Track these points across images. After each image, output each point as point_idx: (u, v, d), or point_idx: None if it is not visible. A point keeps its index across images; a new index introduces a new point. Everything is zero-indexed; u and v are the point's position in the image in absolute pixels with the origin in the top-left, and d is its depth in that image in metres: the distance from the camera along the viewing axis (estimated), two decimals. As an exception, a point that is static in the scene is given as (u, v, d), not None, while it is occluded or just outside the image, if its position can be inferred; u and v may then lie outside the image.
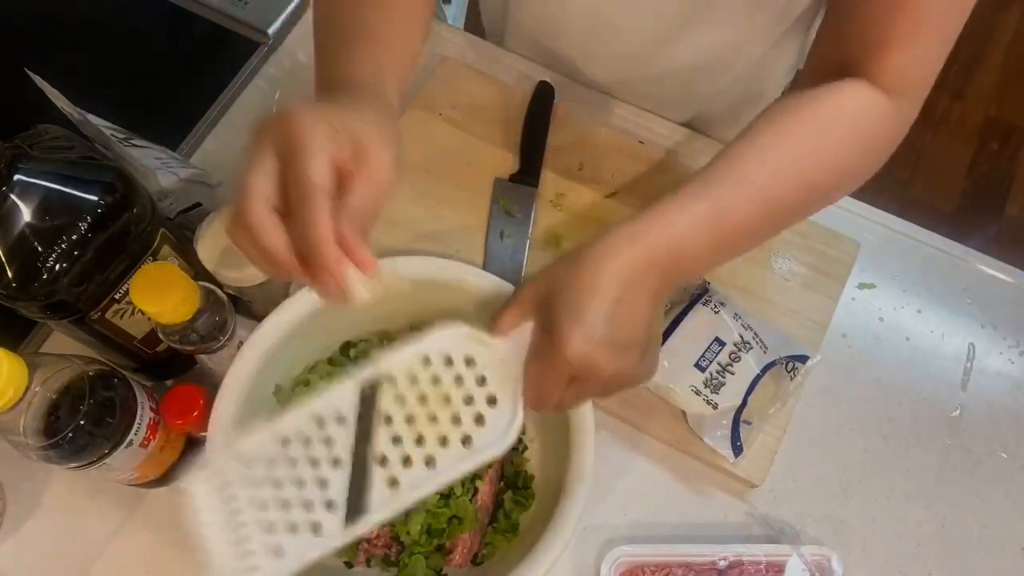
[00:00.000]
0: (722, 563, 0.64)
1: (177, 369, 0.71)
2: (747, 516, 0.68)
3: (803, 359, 0.68)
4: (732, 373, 0.67)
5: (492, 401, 0.52)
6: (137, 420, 0.59)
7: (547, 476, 0.66)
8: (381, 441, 0.51)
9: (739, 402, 0.67)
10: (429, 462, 0.50)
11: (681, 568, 0.64)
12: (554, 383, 0.49)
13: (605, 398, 0.52)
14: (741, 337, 0.68)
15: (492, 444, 0.50)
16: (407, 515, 0.61)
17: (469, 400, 0.52)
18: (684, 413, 0.69)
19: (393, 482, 0.50)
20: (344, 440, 0.51)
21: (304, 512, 0.50)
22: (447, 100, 0.82)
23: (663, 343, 0.68)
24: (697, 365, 0.68)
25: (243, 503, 0.50)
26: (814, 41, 0.63)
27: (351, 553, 0.64)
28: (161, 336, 0.60)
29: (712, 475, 0.68)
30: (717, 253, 0.53)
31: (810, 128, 0.54)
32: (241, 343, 0.63)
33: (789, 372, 0.69)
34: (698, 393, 0.67)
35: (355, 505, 0.50)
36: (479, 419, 0.51)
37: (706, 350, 0.68)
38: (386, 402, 0.51)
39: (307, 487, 0.51)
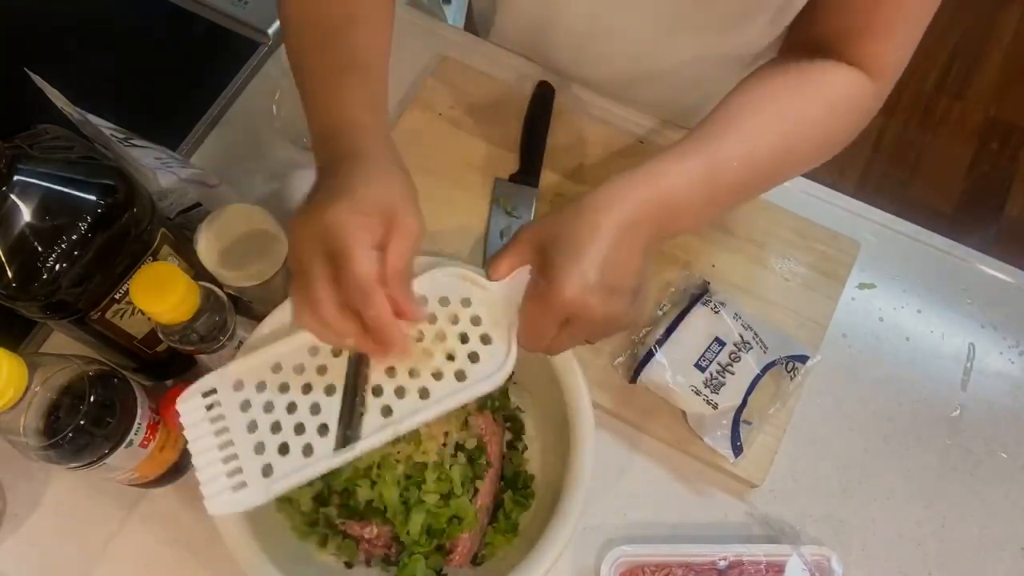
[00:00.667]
0: (722, 563, 0.64)
1: (177, 369, 0.71)
2: (747, 516, 0.68)
3: (803, 359, 0.68)
4: (732, 373, 0.67)
5: (486, 340, 0.52)
6: (137, 420, 0.59)
7: (547, 476, 0.66)
8: (376, 372, 0.52)
9: (739, 402, 0.67)
10: (423, 394, 0.51)
11: (681, 568, 0.64)
12: (549, 323, 0.50)
13: (594, 342, 0.55)
14: (741, 337, 0.68)
15: (485, 379, 0.51)
16: (407, 515, 0.61)
17: (464, 338, 0.52)
18: (684, 413, 0.69)
19: (387, 411, 0.51)
20: (339, 369, 0.52)
21: (295, 435, 0.51)
22: (447, 100, 0.82)
23: (663, 342, 0.68)
24: (697, 365, 0.68)
25: (233, 423, 0.51)
26: (794, 20, 0.66)
27: (351, 553, 0.64)
28: (161, 336, 0.60)
29: (712, 475, 0.68)
30: (708, 207, 0.54)
31: (800, 98, 0.58)
32: (241, 343, 0.63)
33: (789, 372, 0.69)
34: (698, 393, 0.67)
35: (348, 429, 0.50)
36: (473, 356, 0.52)
37: (706, 350, 0.68)
38: None
39: (299, 412, 0.51)
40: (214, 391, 0.53)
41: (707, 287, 0.72)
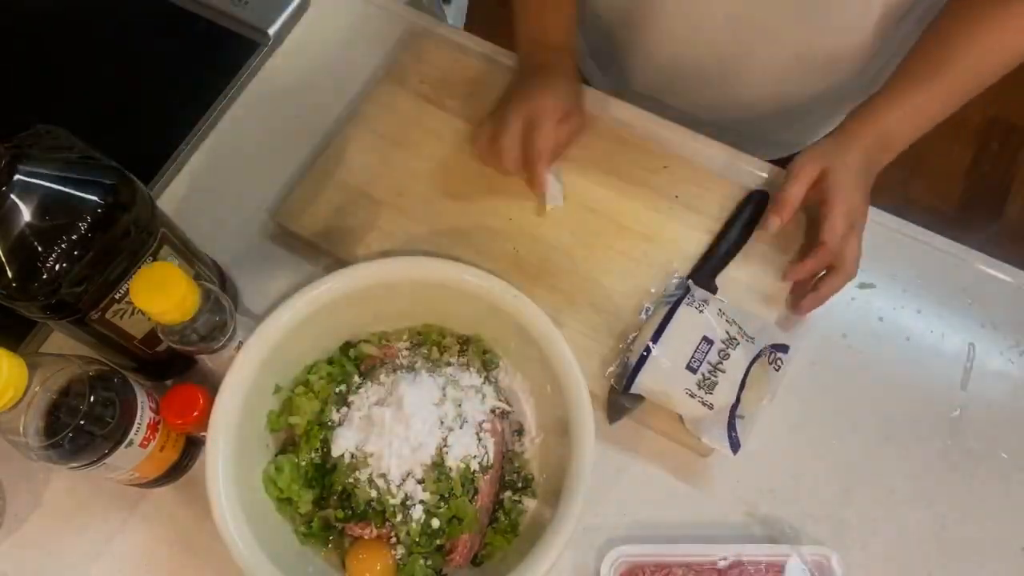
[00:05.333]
0: (722, 563, 0.64)
1: (177, 369, 0.71)
2: (747, 516, 0.68)
3: (784, 349, 0.68)
4: (723, 371, 0.67)
5: None
6: (137, 420, 0.59)
7: (547, 476, 0.66)
8: None
9: (734, 399, 0.66)
10: None
11: (681, 568, 0.64)
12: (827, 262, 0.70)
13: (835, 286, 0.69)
14: (727, 333, 0.67)
15: None
16: (407, 515, 0.61)
17: None
18: (681, 417, 0.68)
19: None
20: None
21: None
22: (418, 74, 0.82)
23: (653, 347, 0.67)
24: (689, 367, 0.67)
25: None
26: None
27: (351, 553, 0.64)
28: (161, 336, 0.60)
29: (712, 475, 0.68)
30: (912, 139, 0.72)
31: (993, 39, 0.68)
32: (241, 343, 0.63)
33: (772, 364, 0.68)
34: (692, 396, 0.66)
35: None
36: None
37: (695, 351, 0.67)
38: None
39: None
40: None
41: (688, 286, 0.71)
